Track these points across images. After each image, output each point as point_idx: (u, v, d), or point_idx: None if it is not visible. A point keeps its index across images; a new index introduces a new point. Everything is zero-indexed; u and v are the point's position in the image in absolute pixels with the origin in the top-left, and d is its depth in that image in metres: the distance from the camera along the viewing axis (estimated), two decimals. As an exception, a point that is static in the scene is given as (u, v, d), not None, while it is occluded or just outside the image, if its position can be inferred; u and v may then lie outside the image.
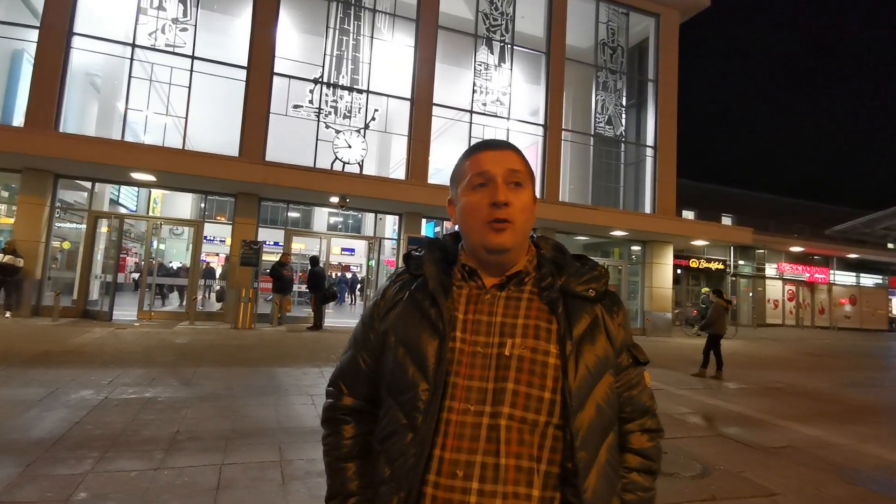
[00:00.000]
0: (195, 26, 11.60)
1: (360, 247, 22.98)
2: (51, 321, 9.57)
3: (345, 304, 20.54)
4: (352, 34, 12.92)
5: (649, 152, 15.89)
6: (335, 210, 13.82)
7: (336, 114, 12.62)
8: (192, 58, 11.50)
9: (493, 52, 14.24)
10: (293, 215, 17.40)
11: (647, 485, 0.91)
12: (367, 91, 12.88)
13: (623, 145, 15.97)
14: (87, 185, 11.30)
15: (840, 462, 4.16)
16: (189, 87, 11.46)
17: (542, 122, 14.61)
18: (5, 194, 11.79)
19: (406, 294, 0.93)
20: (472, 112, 13.86)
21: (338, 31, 12.80)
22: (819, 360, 11.79)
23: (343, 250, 23.82)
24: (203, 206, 12.83)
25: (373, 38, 13.07)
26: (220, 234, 17.99)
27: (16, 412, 4.06)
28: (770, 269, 24.88)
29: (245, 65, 11.85)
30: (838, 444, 4.72)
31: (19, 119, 10.88)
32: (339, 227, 23.99)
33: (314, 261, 11.93)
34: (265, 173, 10.71)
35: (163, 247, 19.45)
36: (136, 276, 17.72)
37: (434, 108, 13.37)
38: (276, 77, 12.06)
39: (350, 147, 12.56)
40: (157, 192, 16.48)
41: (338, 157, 12.45)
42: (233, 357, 7.29)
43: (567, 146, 15.09)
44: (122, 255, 12.72)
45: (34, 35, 10.53)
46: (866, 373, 10.18)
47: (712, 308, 8.86)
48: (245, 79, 11.81)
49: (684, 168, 16.72)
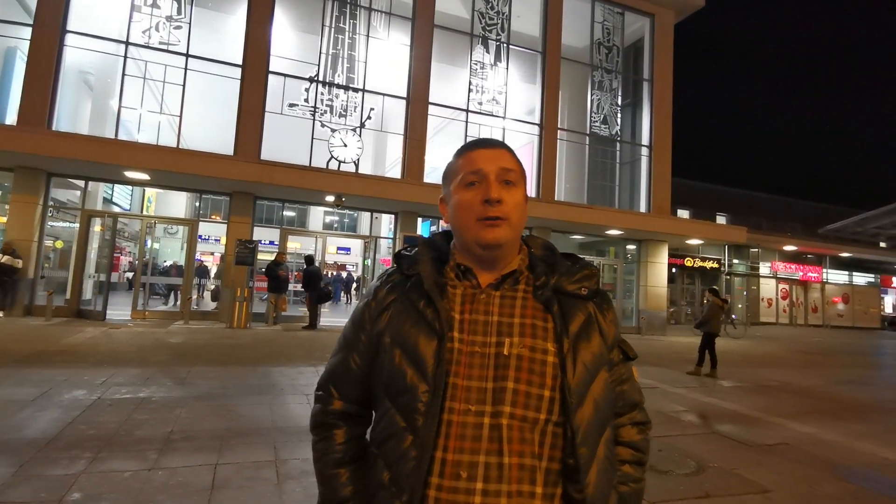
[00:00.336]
0: (189, 24, 11.52)
1: (356, 246, 22.92)
2: (44, 321, 9.50)
3: (340, 303, 20.50)
4: (347, 32, 12.89)
5: (644, 151, 15.95)
6: (331, 209, 13.79)
7: (332, 112, 12.58)
8: (187, 56, 11.43)
9: (489, 51, 14.24)
10: (289, 214, 17.35)
11: (638, 476, 0.95)
12: (363, 90, 12.85)
13: (618, 144, 16.01)
14: (81, 183, 11.21)
15: (833, 459, 4.20)
16: (183, 86, 11.39)
17: (537, 121, 14.62)
18: (-2, 193, 11.72)
19: (399, 294, 0.91)
20: (468, 111, 13.86)
21: (333, 30, 12.76)
22: (812, 358, 11.87)
23: (339, 249, 23.75)
24: (198, 204, 12.76)
25: (369, 36, 13.04)
26: (214, 233, 17.90)
27: (8, 412, 4.03)
28: (764, 268, 25.03)
29: (240, 63, 11.79)
30: (831, 441, 4.75)
31: (12, 117, 10.79)
32: (335, 226, 23.94)
33: (309, 260, 11.90)
34: (260, 172, 10.67)
35: (157, 246, 19.32)
36: (129, 275, 17.64)
37: (430, 106, 13.34)
38: (271, 75, 12.01)
39: (346, 146, 12.53)
40: (151, 191, 16.38)
41: (333, 156, 12.42)
42: (228, 356, 7.26)
43: (563, 145, 15.11)
44: (115, 255, 12.63)
45: (27, 33, 10.44)
46: (859, 370, 10.27)
47: (708, 307, 8.91)
48: (240, 77, 11.75)
49: (679, 167, 16.79)
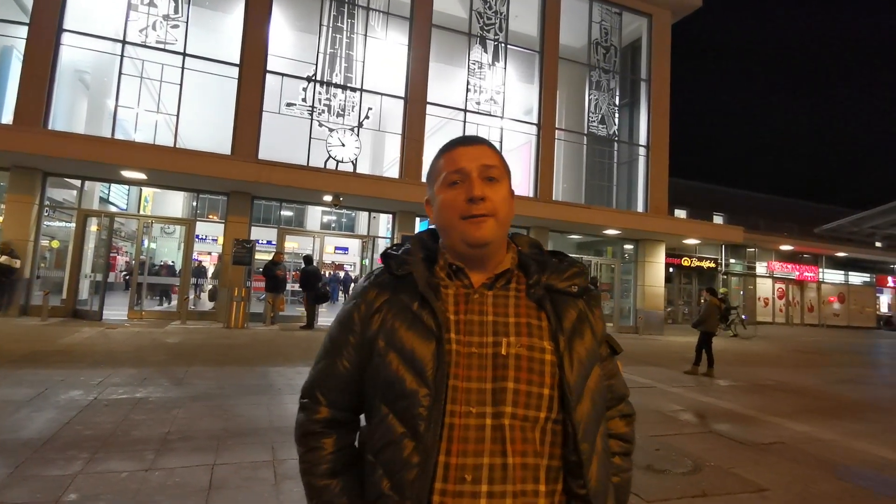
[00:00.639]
0: (187, 23, 11.49)
1: (354, 245, 22.89)
2: (40, 321, 9.46)
3: (338, 303, 20.48)
4: (345, 32, 12.87)
5: (642, 151, 15.98)
6: (329, 209, 13.77)
7: (329, 112, 12.57)
8: (184, 55, 11.40)
9: (486, 51, 14.24)
10: (286, 214, 17.29)
11: (627, 466, 0.98)
12: (361, 89, 12.83)
13: (616, 144, 16.04)
14: (77, 183, 11.17)
15: (829, 458, 4.21)
16: (180, 85, 11.36)
17: (535, 121, 14.63)
18: (-7, 192, 11.66)
19: (390, 296, 0.89)
20: (465, 111, 13.86)
21: (331, 29, 12.74)
22: (808, 358, 11.92)
23: (336, 249, 23.72)
24: (195, 204, 12.73)
25: (366, 36, 13.03)
26: (212, 233, 17.86)
27: (4, 413, 4.01)
28: (760, 268, 25.12)
29: (237, 62, 11.76)
30: (827, 440, 4.77)
31: (8, 116, 10.73)
32: (333, 225, 23.90)
33: (308, 259, 11.89)
34: (258, 172, 10.65)
35: (154, 246, 19.26)
36: (126, 275, 17.56)
37: (428, 106, 13.34)
38: (268, 75, 11.98)
39: (343, 145, 12.52)
40: (147, 191, 16.33)
41: (331, 156, 12.40)
42: (225, 356, 7.25)
43: (560, 145, 15.13)
44: (112, 255, 12.59)
45: (23, 32, 10.40)
46: (854, 370, 10.32)
47: (705, 306, 8.92)
48: (237, 76, 11.73)
49: (676, 167, 16.81)
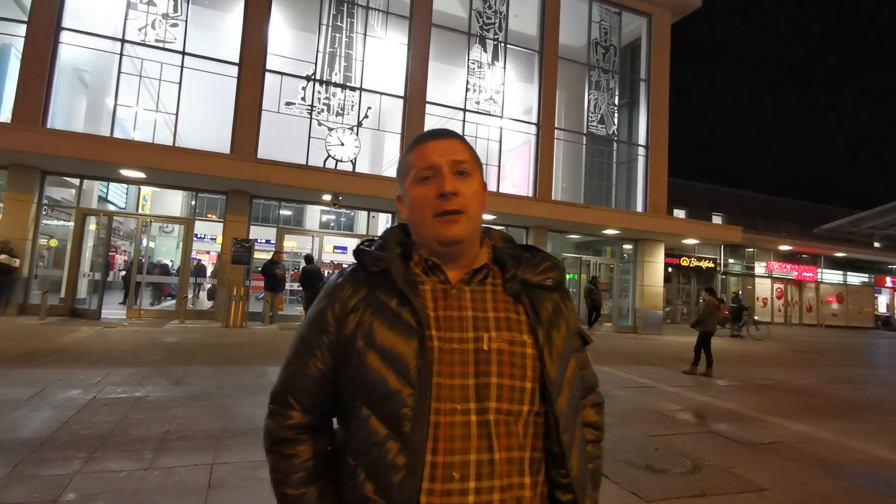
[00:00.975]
0: (186, 22, 11.48)
1: (353, 245, 22.80)
2: (38, 320, 9.44)
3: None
4: (345, 31, 12.86)
5: (641, 151, 15.99)
6: (328, 208, 13.75)
7: (329, 111, 12.56)
8: (183, 54, 11.38)
9: (486, 51, 14.24)
10: (285, 213, 17.28)
11: (599, 453, 1.00)
12: (360, 88, 12.82)
13: (615, 144, 16.04)
14: (76, 181, 11.16)
15: (827, 457, 4.22)
16: (179, 84, 11.34)
17: (534, 120, 14.64)
18: (-9, 191, 11.64)
19: (367, 294, 0.86)
20: (465, 110, 13.86)
21: (331, 28, 12.73)
22: (806, 357, 11.94)
23: (336, 248, 23.69)
24: (194, 203, 12.71)
25: (366, 35, 13.01)
26: (211, 232, 17.83)
27: (2, 412, 4.01)
28: (759, 268, 25.15)
29: (237, 61, 11.74)
30: (825, 439, 4.78)
31: (6, 115, 10.71)
32: (332, 225, 23.86)
33: (308, 259, 11.88)
34: (257, 171, 10.63)
35: (153, 245, 19.23)
36: (123, 274, 17.49)
37: (427, 106, 13.33)
38: (268, 74, 11.97)
39: (343, 145, 12.51)
40: (146, 190, 16.28)
41: (330, 155, 12.39)
42: (224, 356, 7.24)
43: (560, 145, 15.13)
44: (111, 254, 12.57)
45: (22, 30, 10.37)
46: (852, 369, 10.33)
47: (704, 306, 8.92)
48: (237, 75, 11.71)
49: (675, 167, 16.83)
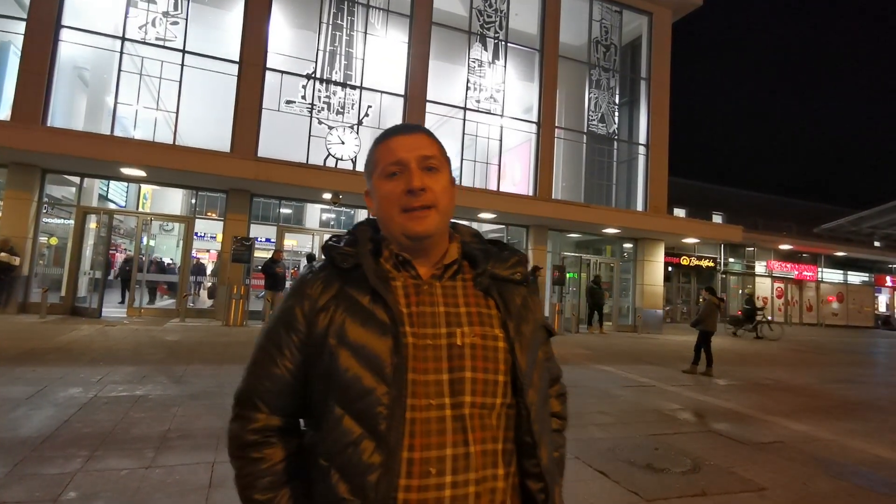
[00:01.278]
0: (186, 20, 11.47)
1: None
2: (38, 318, 9.45)
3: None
4: (345, 29, 12.84)
5: (641, 150, 15.98)
6: (328, 207, 13.74)
7: (329, 110, 12.55)
8: (183, 52, 11.37)
9: (486, 49, 14.22)
10: (285, 212, 17.24)
11: (563, 442, 1.04)
12: (361, 87, 12.81)
13: (615, 143, 16.03)
14: (76, 180, 11.15)
15: (827, 457, 4.23)
16: (180, 82, 11.34)
17: (535, 119, 14.62)
18: (-9, 189, 11.63)
19: (337, 291, 0.85)
20: (465, 109, 13.85)
21: (331, 27, 12.71)
22: (806, 357, 11.94)
23: (336, 247, 23.67)
24: (194, 202, 12.70)
25: (366, 33, 13.00)
26: (211, 231, 17.82)
27: (2, 411, 4.00)
28: (759, 267, 25.16)
29: (237, 59, 11.74)
30: (825, 439, 4.79)
31: (5, 112, 10.71)
32: (332, 223, 23.80)
33: (311, 258, 11.88)
34: (257, 169, 10.63)
35: (153, 243, 19.22)
36: (118, 273, 17.42)
37: (428, 104, 13.32)
38: (268, 72, 11.96)
39: (343, 143, 12.50)
40: (146, 188, 16.27)
41: (331, 154, 12.39)
42: (224, 354, 7.25)
43: (560, 144, 15.12)
44: (111, 252, 12.56)
45: (21, 27, 10.35)
46: (852, 369, 10.34)
47: (704, 305, 8.91)
48: (237, 74, 11.70)
49: (676, 166, 16.83)
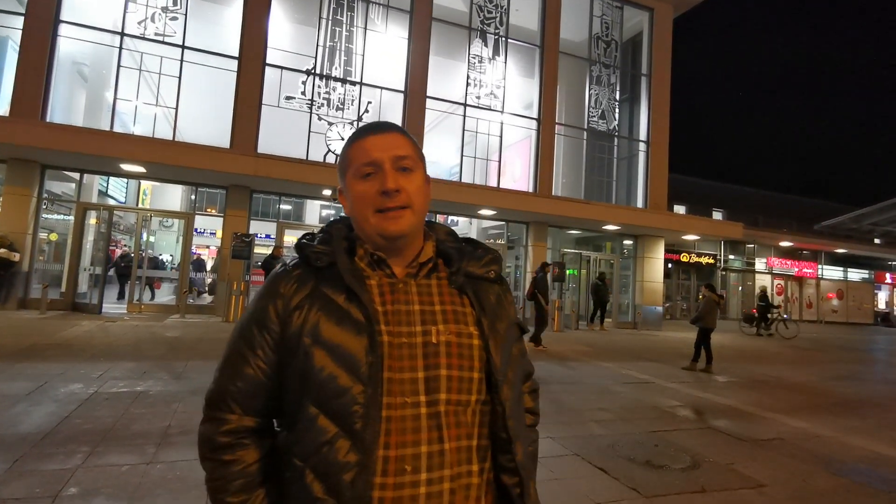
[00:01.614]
0: (185, 15, 11.42)
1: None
2: (38, 314, 9.45)
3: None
4: (345, 25, 12.79)
5: (642, 147, 15.95)
6: (328, 203, 13.73)
7: (329, 105, 12.51)
8: (183, 47, 11.33)
9: (487, 45, 14.17)
10: (285, 208, 17.25)
11: (536, 437, 1.05)
12: (361, 83, 12.77)
13: (616, 140, 16.00)
14: (75, 176, 11.12)
15: (826, 454, 4.24)
16: (179, 78, 11.30)
17: (535, 115, 14.59)
18: (-10, 185, 11.61)
19: (312, 290, 0.85)
20: (465, 105, 13.82)
21: (331, 22, 12.66)
22: (806, 354, 11.96)
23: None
24: (193, 198, 12.69)
25: (366, 29, 12.95)
26: (210, 227, 17.80)
27: (3, 407, 4.01)
28: (759, 264, 25.16)
29: (236, 55, 11.69)
30: (825, 436, 4.80)
31: (4, 108, 10.68)
32: (332, 219, 23.83)
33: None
34: (256, 165, 10.61)
35: (153, 239, 19.21)
36: (113, 267, 17.38)
37: (427, 100, 13.29)
38: (267, 68, 11.91)
39: (343, 139, 12.48)
40: (146, 184, 16.26)
41: (330, 150, 12.36)
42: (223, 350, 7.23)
43: (560, 140, 15.09)
44: (112, 248, 12.55)
45: (19, 22, 10.31)
46: (852, 366, 10.36)
47: (704, 302, 8.90)
48: (236, 69, 11.66)
49: (676, 163, 16.80)
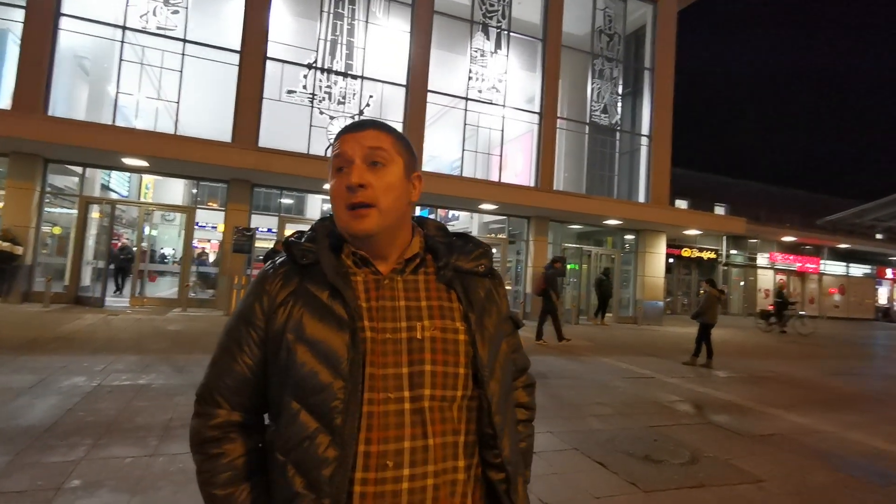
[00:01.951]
0: (187, 9, 11.36)
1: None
2: (41, 307, 9.50)
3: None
4: (346, 18, 12.72)
5: (644, 141, 15.87)
6: (329, 197, 13.74)
7: (330, 99, 12.47)
8: (184, 41, 11.29)
9: (489, 39, 14.08)
10: (286, 202, 17.26)
11: (530, 432, 1.05)
12: (362, 77, 12.72)
13: (618, 134, 15.93)
14: (78, 169, 11.14)
15: (825, 449, 4.25)
16: (181, 72, 11.27)
17: (537, 109, 14.52)
18: (-7, 178, 11.63)
19: (297, 287, 0.86)
20: (467, 99, 13.76)
21: (332, 16, 12.59)
22: (807, 349, 11.96)
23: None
24: (195, 192, 12.69)
25: (367, 22, 12.88)
26: (212, 221, 17.82)
27: (5, 400, 4.03)
28: (762, 259, 25.10)
29: (238, 49, 11.64)
30: (824, 431, 4.81)
31: (6, 101, 10.67)
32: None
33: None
34: (258, 159, 10.60)
35: (155, 233, 19.24)
36: (111, 263, 17.37)
37: (429, 94, 13.23)
38: (269, 62, 11.87)
39: (344, 133, 12.44)
40: (148, 178, 16.27)
41: (332, 144, 12.32)
42: (226, 344, 7.27)
43: (562, 134, 15.03)
44: (114, 241, 12.58)
45: (20, 15, 10.27)
46: (852, 361, 10.36)
47: (705, 297, 8.92)
48: (238, 63, 11.62)
49: (678, 157, 16.72)
